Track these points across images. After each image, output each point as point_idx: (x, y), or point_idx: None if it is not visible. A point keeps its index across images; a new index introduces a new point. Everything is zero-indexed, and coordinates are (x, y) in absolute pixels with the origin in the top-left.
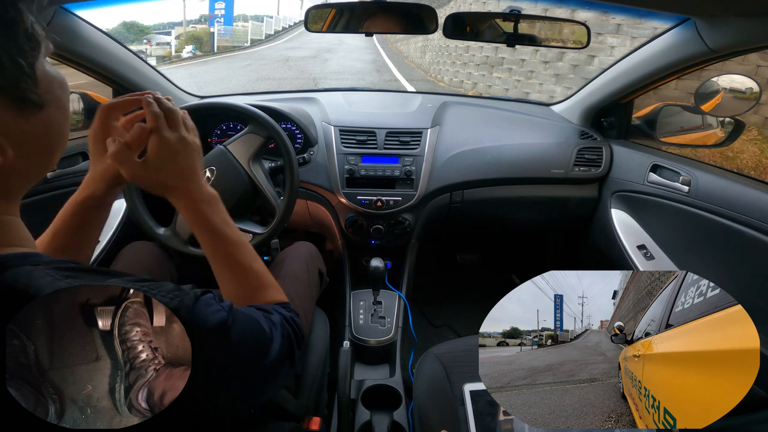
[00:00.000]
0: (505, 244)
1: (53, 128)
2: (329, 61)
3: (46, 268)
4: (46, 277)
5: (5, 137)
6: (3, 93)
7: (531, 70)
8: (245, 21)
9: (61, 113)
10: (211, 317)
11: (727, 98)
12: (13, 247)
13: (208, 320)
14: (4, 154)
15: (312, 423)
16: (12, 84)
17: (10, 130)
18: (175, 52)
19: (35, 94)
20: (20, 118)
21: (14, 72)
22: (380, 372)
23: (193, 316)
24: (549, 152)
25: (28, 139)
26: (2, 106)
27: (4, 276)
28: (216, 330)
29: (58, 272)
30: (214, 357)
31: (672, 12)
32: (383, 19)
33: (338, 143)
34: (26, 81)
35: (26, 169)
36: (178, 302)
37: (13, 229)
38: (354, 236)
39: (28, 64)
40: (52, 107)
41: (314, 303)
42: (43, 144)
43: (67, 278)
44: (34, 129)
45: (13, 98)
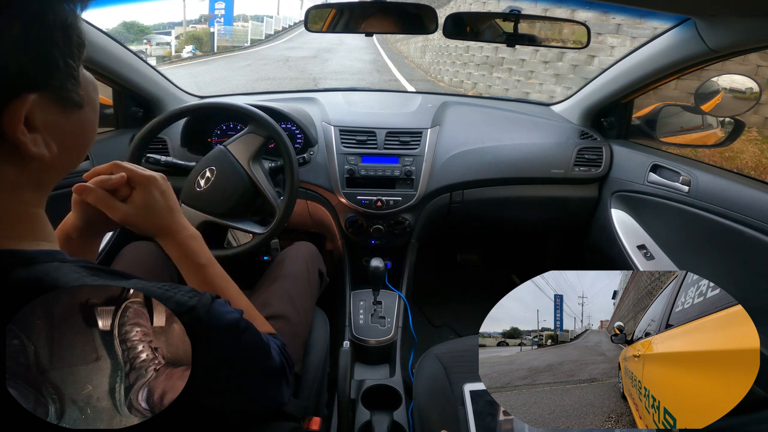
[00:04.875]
0: (505, 244)
1: (89, 126)
2: (329, 61)
3: (73, 265)
4: (73, 273)
5: (51, 134)
6: (54, 92)
7: (531, 70)
8: (245, 21)
9: (94, 113)
10: (226, 316)
11: (727, 98)
12: (41, 242)
13: (223, 318)
14: (50, 150)
15: (312, 423)
16: (62, 84)
17: (55, 128)
18: (175, 52)
19: (77, 95)
20: (63, 117)
21: (66, 73)
22: (380, 372)
23: (211, 313)
24: (549, 152)
25: (67, 137)
26: (51, 105)
27: (34, 270)
28: (230, 328)
29: (84, 270)
30: (228, 354)
31: (672, 12)
32: (383, 19)
33: (338, 143)
34: (72, 82)
35: (62, 164)
36: (196, 301)
37: (41, 223)
38: (354, 236)
39: (76, 66)
40: (88, 107)
41: (314, 303)
42: (79, 141)
43: (93, 277)
44: (74, 127)
45: (61, 98)
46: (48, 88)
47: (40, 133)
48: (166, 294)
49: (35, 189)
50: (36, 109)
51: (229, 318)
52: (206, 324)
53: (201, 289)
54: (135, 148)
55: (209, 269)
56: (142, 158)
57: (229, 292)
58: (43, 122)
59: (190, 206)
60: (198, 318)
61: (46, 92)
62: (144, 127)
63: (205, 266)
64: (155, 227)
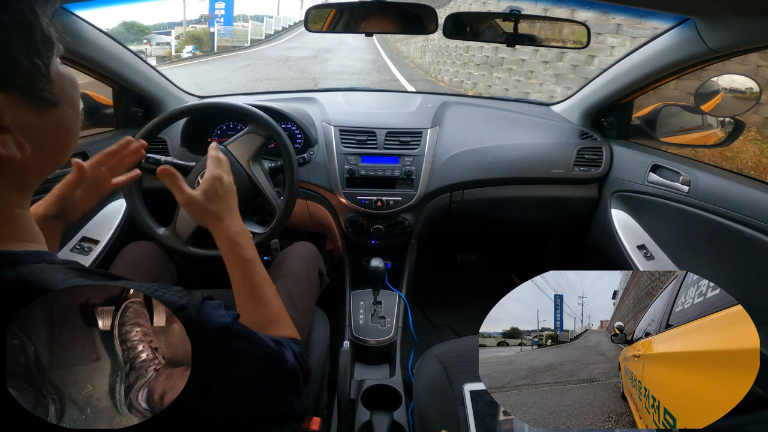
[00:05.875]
0: (505, 244)
1: (66, 125)
2: (329, 61)
3: (60, 266)
4: (60, 274)
5: (23, 134)
6: (21, 92)
7: (531, 70)
8: (245, 21)
9: (73, 111)
10: (216, 319)
11: (727, 98)
12: (27, 243)
13: (213, 321)
14: (22, 150)
15: (312, 423)
16: (29, 83)
17: (28, 127)
18: (175, 52)
19: (50, 93)
20: (36, 116)
21: (32, 72)
22: (380, 372)
23: (200, 314)
24: (549, 152)
25: (43, 136)
26: (20, 105)
27: (20, 271)
28: (219, 331)
29: (72, 271)
30: (215, 357)
31: (672, 12)
32: (383, 19)
33: (338, 143)
34: (42, 80)
35: (41, 164)
36: (186, 301)
37: (27, 224)
38: (354, 236)
39: (44, 65)
40: (65, 105)
41: (314, 303)
42: (57, 140)
43: (80, 278)
44: (49, 126)
45: (30, 97)
46: (14, 88)
47: (10, 134)
48: (155, 294)
49: (17, 191)
50: (3, 110)
51: (219, 321)
52: (197, 324)
53: (242, 286)
54: None
55: (253, 266)
56: (141, 158)
57: (266, 291)
58: (14, 122)
59: None
60: (189, 317)
61: (12, 92)
62: (144, 127)
63: (250, 262)
64: (212, 216)
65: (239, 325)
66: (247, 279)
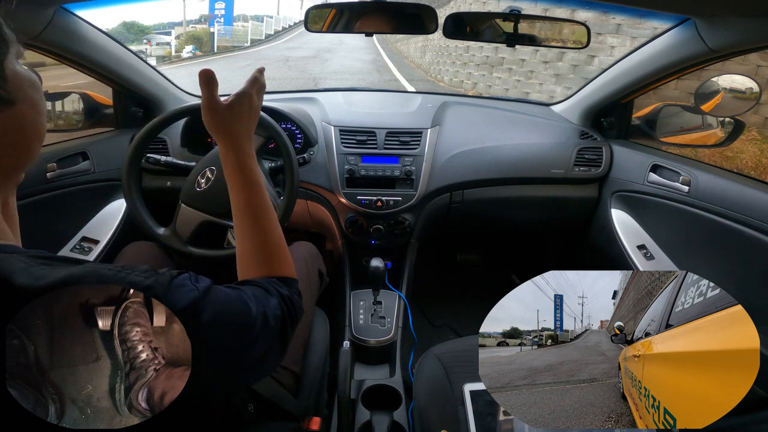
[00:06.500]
0: (505, 244)
1: (25, 124)
2: (329, 61)
3: (20, 255)
4: (19, 263)
5: None
6: None
7: (531, 70)
8: (245, 21)
9: (33, 110)
10: (184, 296)
11: (727, 98)
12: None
13: (179, 301)
14: None
15: (312, 423)
16: None
17: None
18: (175, 52)
19: (4, 91)
20: None
21: None
22: (380, 372)
23: (168, 293)
24: (549, 152)
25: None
26: None
27: None
28: (186, 310)
29: (32, 260)
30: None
31: (672, 12)
32: (383, 19)
33: (338, 143)
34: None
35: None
36: (153, 281)
37: None
38: (354, 236)
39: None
40: (23, 104)
41: (314, 303)
42: (16, 138)
43: (41, 266)
44: (5, 124)
45: None
46: None
47: None
48: (118, 275)
49: None
50: None
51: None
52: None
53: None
54: (135, 148)
55: (258, 189)
56: (142, 158)
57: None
58: None
59: (190, 206)
60: (156, 297)
61: None
62: (144, 127)
63: (255, 186)
64: (228, 131)
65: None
66: (251, 202)
